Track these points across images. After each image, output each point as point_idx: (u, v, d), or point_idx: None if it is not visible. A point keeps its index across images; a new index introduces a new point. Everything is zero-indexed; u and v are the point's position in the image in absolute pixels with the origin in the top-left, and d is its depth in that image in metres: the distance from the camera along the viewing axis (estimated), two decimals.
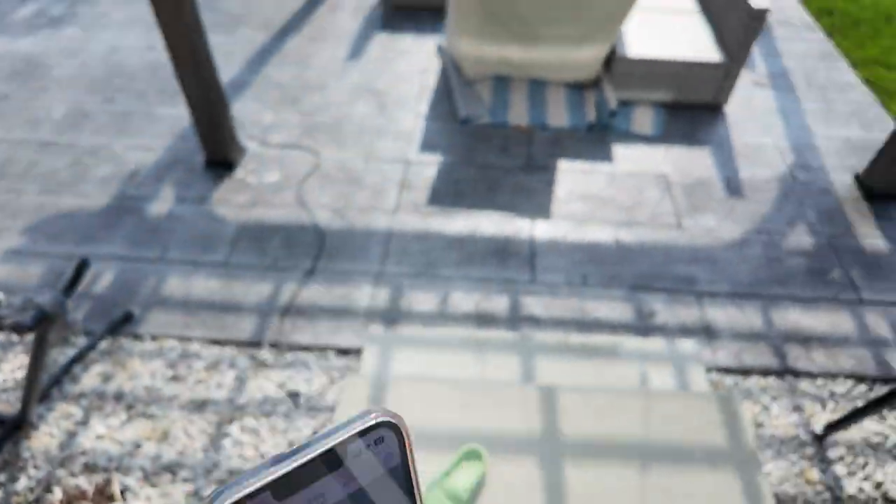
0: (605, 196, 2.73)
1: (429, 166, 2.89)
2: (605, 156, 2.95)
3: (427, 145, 3.01)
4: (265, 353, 2.10)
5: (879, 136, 3.03)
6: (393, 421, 0.26)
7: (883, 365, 2.11)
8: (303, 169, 2.85)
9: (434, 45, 3.78)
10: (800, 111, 3.25)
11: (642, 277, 2.38)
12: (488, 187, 2.78)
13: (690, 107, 3.26)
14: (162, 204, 2.65)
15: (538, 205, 2.69)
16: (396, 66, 3.59)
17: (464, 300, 2.29)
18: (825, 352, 2.15)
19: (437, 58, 3.67)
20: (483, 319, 2.23)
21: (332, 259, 2.43)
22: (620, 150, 2.99)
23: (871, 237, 2.55)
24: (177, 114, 3.11)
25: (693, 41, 3.23)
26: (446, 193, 2.74)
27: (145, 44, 3.68)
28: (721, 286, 2.36)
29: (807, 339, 2.19)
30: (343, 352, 2.12)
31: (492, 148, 3.01)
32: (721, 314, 2.26)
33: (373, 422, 0.25)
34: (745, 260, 2.46)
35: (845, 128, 3.13)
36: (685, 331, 2.20)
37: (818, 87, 3.43)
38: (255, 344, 2.13)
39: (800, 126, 3.15)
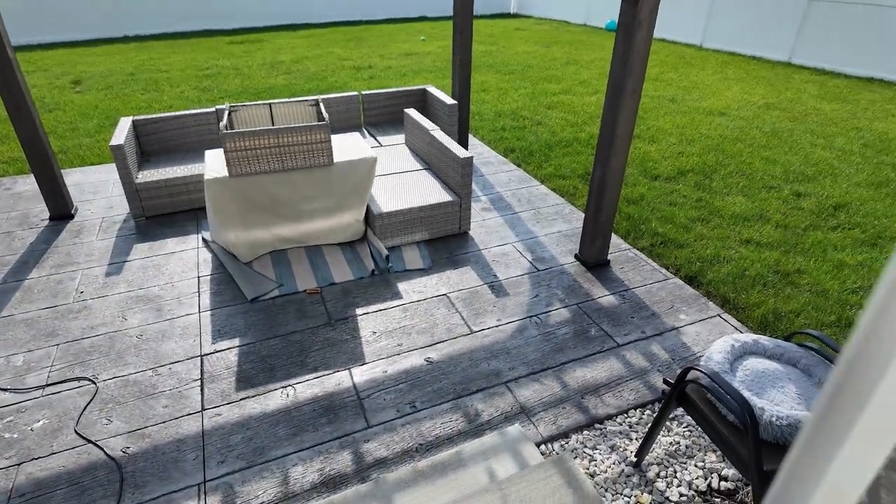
0: (405, 326, 3.02)
1: (229, 352, 2.82)
2: (394, 294, 3.30)
3: (220, 333, 2.95)
4: None
5: (577, 225, 4.06)
6: None
7: (652, 388, 2.67)
8: (78, 402, 2.50)
9: (199, 239, 3.84)
10: (520, 221, 4.17)
11: (459, 385, 2.64)
12: (298, 352, 2.83)
13: (444, 238, 3.91)
14: None
15: (350, 353, 2.82)
16: (166, 268, 3.53)
17: (306, 473, 2.21)
18: (612, 394, 2.64)
19: (208, 250, 3.72)
20: (333, 483, 2.16)
21: (140, 490, 2.12)
22: (404, 286, 3.38)
23: (603, 296, 3.32)
24: None
25: (429, 190, 3.97)
26: (256, 372, 2.69)
27: None
28: (520, 370, 2.75)
29: (597, 389, 2.66)
30: None
31: (290, 316, 3.10)
32: (529, 392, 2.62)
33: None
34: (528, 343, 2.94)
35: (555, 225, 4.11)
36: (508, 417, 2.48)
37: (526, 200, 4.48)
38: None
39: (525, 231, 4.02)
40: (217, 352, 2.83)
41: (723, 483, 2.22)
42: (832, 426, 0.37)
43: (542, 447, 2.36)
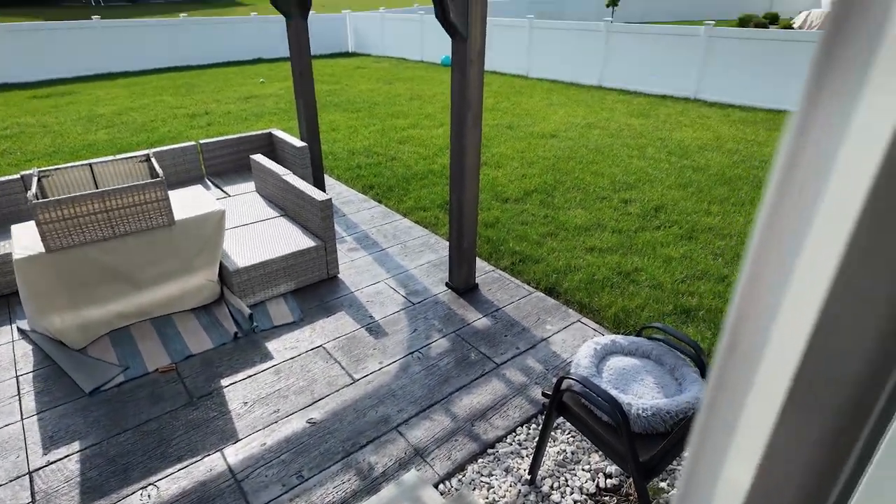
0: (280, 388, 2.81)
1: (67, 461, 2.37)
2: (263, 355, 3.07)
3: (53, 440, 2.48)
4: None
5: (444, 254, 4.17)
6: None
7: (533, 402, 2.79)
8: None
9: (13, 330, 3.24)
10: (389, 257, 4.17)
11: (348, 441, 2.51)
12: (156, 444, 2.47)
13: (313, 285, 3.76)
14: None
15: (220, 432, 2.54)
16: None
17: None
18: (499, 415, 2.70)
19: (27, 341, 3.14)
20: None
21: None
22: (274, 345, 3.16)
23: (477, 319, 3.42)
24: None
25: (289, 237, 3.79)
26: (105, 478, 2.29)
27: None
28: (409, 410, 2.70)
29: (484, 413, 2.71)
30: None
31: (142, 402, 2.71)
32: (420, 432, 2.58)
33: None
34: (413, 380, 2.91)
35: (423, 256, 4.18)
36: (402, 464, 2.41)
37: (391, 236, 4.50)
38: None
39: (395, 266, 4.02)
40: (51, 463, 2.37)
41: (608, 480, 2.37)
42: (720, 419, 0.39)
43: (441, 486, 2.32)
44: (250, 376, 2.91)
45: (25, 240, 3.00)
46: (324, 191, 5.37)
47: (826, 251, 0.30)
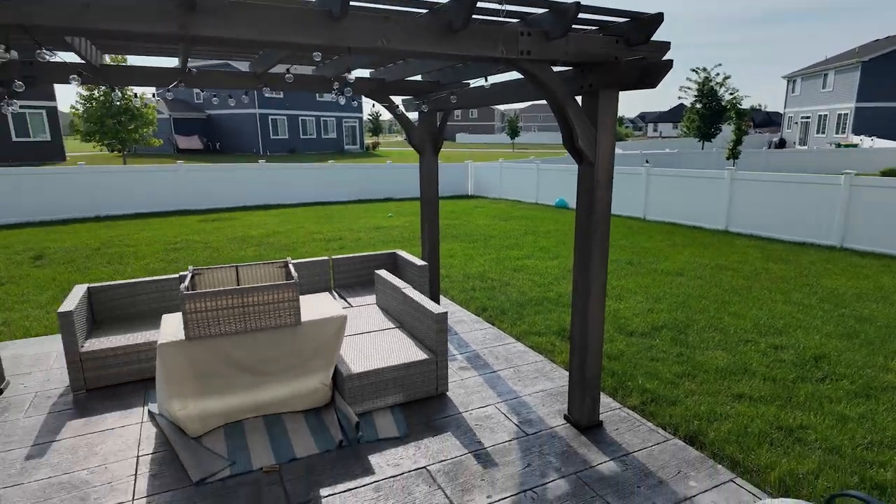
0: None
1: None
2: (365, 469, 2.85)
3: None
4: None
5: (561, 384, 3.82)
6: None
7: None
8: None
9: (145, 412, 3.38)
10: (500, 380, 3.91)
11: None
12: None
13: (421, 401, 3.57)
14: None
15: None
16: (100, 447, 3.01)
17: None
18: None
19: (153, 424, 3.25)
20: None
21: None
22: (376, 459, 2.94)
23: (602, 462, 2.96)
24: None
25: (402, 349, 3.74)
26: None
27: None
28: None
29: None
30: None
31: (240, 502, 2.58)
32: None
33: None
34: None
35: (538, 383, 3.86)
36: None
37: (504, 358, 4.26)
38: None
39: (507, 391, 3.74)
40: None
41: None
42: None
43: None
44: (350, 489, 2.68)
45: (170, 328, 3.25)
46: None
47: None
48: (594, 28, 2.92)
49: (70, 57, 3.88)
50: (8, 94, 3.38)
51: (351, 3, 2.31)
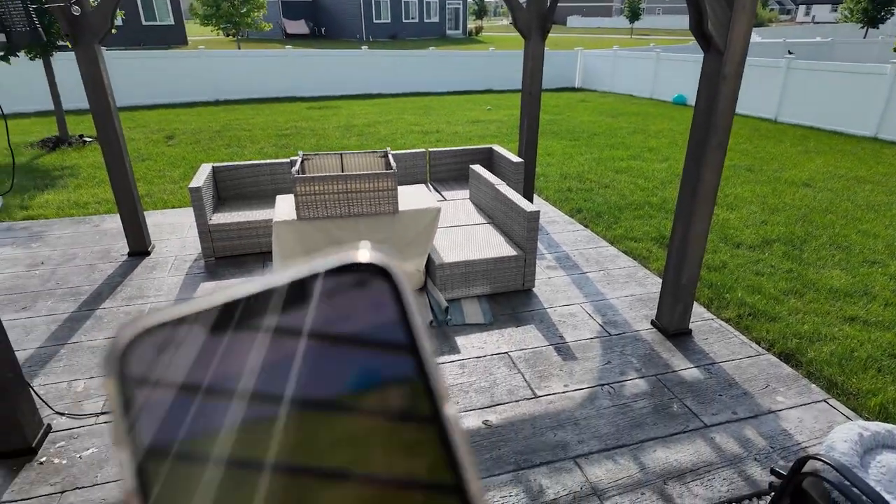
0: (463, 383, 2.79)
1: None
2: (452, 348, 3.10)
3: None
4: None
5: (653, 290, 3.75)
6: (384, 267, 0.19)
7: (749, 480, 2.27)
8: None
9: None
10: (589, 282, 3.92)
11: (521, 455, 2.35)
12: None
13: (507, 294, 3.71)
14: None
15: None
16: None
17: None
18: (700, 482, 2.26)
19: None
20: None
21: None
22: (462, 341, 3.17)
23: (685, 368, 2.97)
24: None
25: (492, 244, 3.83)
26: None
27: None
28: (591, 444, 2.43)
29: (682, 475, 2.29)
30: None
31: None
32: (601, 471, 2.28)
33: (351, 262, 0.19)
34: (600, 414, 2.62)
35: (627, 288, 3.83)
36: (577, 499, 2.15)
37: (594, 261, 4.23)
38: None
39: (594, 293, 3.76)
40: None
41: None
42: None
43: None
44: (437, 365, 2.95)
45: (284, 208, 3.55)
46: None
47: None
48: None
49: None
50: None
51: None
